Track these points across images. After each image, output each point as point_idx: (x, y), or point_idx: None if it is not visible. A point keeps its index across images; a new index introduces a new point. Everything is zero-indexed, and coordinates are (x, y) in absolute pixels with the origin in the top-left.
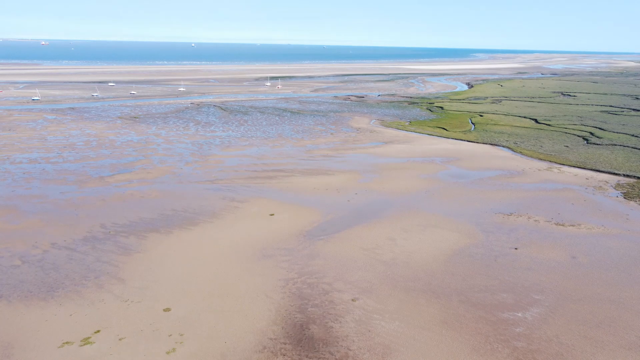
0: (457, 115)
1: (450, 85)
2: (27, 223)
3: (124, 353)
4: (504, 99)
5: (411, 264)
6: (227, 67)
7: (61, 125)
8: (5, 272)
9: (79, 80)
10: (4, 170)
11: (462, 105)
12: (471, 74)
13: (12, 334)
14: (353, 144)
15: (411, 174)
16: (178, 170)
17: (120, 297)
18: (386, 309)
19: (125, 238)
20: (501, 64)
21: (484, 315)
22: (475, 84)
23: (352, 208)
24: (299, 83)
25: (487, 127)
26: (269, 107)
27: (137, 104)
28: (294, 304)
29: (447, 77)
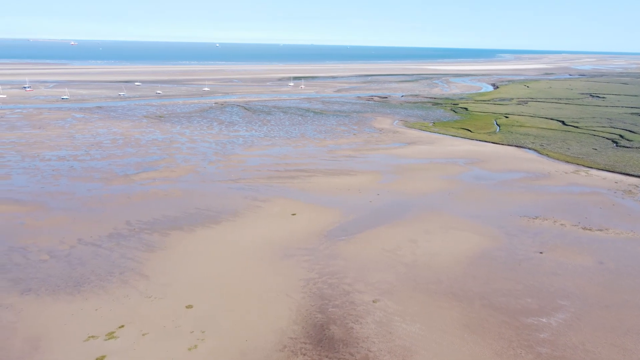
0: (481, 117)
1: (474, 86)
2: (54, 219)
3: (147, 348)
4: (530, 100)
5: (433, 266)
6: (251, 67)
7: (89, 123)
8: (34, 267)
9: (106, 80)
10: (33, 167)
11: (487, 106)
12: (496, 75)
13: (40, 326)
14: (375, 144)
15: (434, 175)
16: (201, 169)
17: (143, 293)
18: (407, 311)
19: (149, 235)
20: (527, 65)
21: (507, 319)
22: (501, 84)
23: (373, 209)
24: (322, 83)
25: (513, 129)
26: (291, 107)
27: (163, 103)
28: (314, 304)
29: (471, 78)
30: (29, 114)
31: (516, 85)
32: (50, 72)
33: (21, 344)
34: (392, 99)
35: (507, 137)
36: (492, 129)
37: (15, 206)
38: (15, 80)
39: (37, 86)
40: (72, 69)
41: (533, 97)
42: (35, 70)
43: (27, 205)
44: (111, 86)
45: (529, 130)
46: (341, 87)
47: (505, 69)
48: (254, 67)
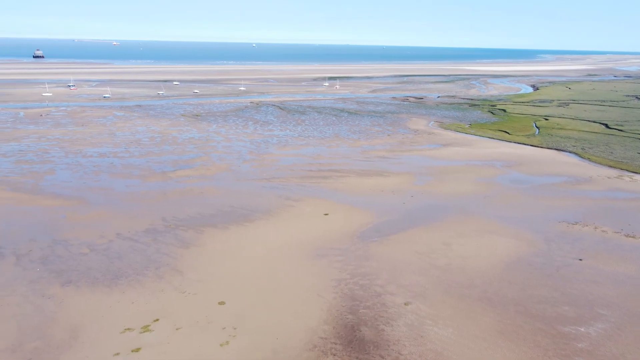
0: (520, 119)
1: (513, 87)
2: (94, 214)
3: (180, 342)
4: (572, 102)
5: (467, 270)
6: (286, 67)
7: (128, 121)
8: (74, 259)
9: (146, 79)
10: (76, 163)
11: (526, 108)
12: (536, 76)
13: (80, 317)
14: (410, 145)
15: (469, 178)
16: (236, 168)
17: (178, 288)
18: (439, 315)
19: (184, 232)
20: (569, 66)
21: (543, 327)
22: (541, 86)
23: (406, 210)
24: (356, 83)
25: (553, 132)
26: (326, 107)
27: (200, 102)
28: (345, 305)
29: (510, 79)
30: (72, 112)
31: (557, 87)
32: (94, 71)
33: (61, 333)
34: (428, 100)
35: (547, 139)
36: (531, 131)
37: (59, 200)
38: (61, 79)
39: (81, 85)
40: (114, 69)
41: (575, 99)
42: (79, 69)
43: (69, 199)
44: (150, 85)
45: (570, 133)
46: (376, 88)
47: (546, 70)
48: (289, 67)
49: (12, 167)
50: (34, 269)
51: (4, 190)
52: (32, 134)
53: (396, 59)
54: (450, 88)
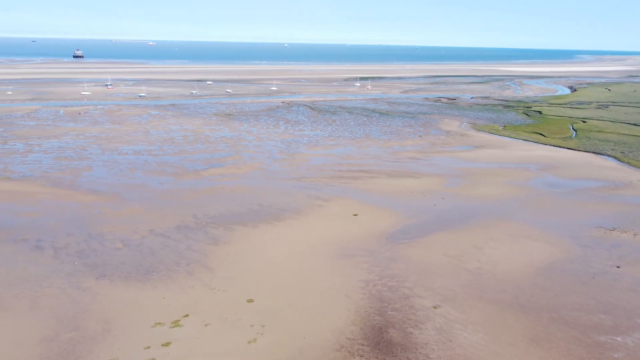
0: (556, 121)
1: (550, 89)
2: (129, 210)
3: (209, 339)
4: (611, 105)
5: (498, 275)
6: (318, 67)
7: (163, 120)
8: (109, 254)
9: (180, 79)
10: (112, 160)
11: (563, 110)
12: (574, 77)
13: (113, 310)
14: (441, 147)
15: (502, 181)
16: (266, 167)
17: (208, 285)
18: (469, 319)
19: (214, 229)
20: (609, 67)
21: (578, 335)
22: (579, 87)
23: (437, 213)
24: (388, 84)
25: (591, 134)
26: (357, 108)
27: (232, 102)
28: (373, 306)
29: (546, 80)
30: (109, 110)
31: (596, 88)
32: (130, 70)
33: (95, 325)
34: (461, 101)
35: (584, 142)
36: (568, 133)
37: (95, 196)
38: (99, 79)
39: (118, 84)
40: (150, 68)
41: (614, 101)
42: (116, 69)
43: (105, 195)
44: (184, 85)
45: (609, 136)
46: (408, 88)
47: (584, 71)
48: (321, 67)
49: (52, 163)
50: (71, 262)
51: (43, 186)
52: (71, 131)
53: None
54: (484, 89)
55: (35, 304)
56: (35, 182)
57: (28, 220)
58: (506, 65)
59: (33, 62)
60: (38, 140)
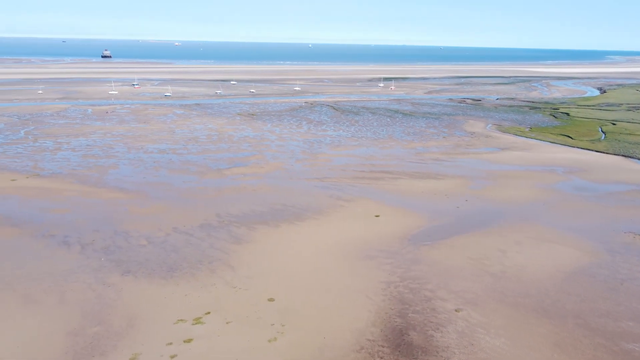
0: (584, 123)
1: (578, 90)
2: (153, 207)
3: (230, 336)
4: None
5: (522, 279)
6: (341, 68)
7: (187, 119)
8: (134, 251)
9: (204, 79)
10: (138, 158)
11: (592, 112)
12: (604, 78)
13: (137, 306)
14: (466, 148)
15: (528, 183)
16: (289, 167)
17: (229, 283)
18: (492, 323)
19: (237, 228)
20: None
21: (604, 342)
22: (609, 89)
23: (460, 215)
24: (412, 85)
25: (620, 137)
26: (380, 108)
27: (255, 101)
28: (394, 308)
29: (575, 81)
30: (136, 109)
31: (627, 90)
32: (156, 70)
33: (119, 320)
34: (486, 102)
35: (614, 145)
36: (597, 136)
37: (121, 193)
38: (126, 78)
39: (144, 84)
40: (175, 68)
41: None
42: (143, 69)
43: (130, 193)
44: (209, 84)
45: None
46: (432, 89)
47: (615, 72)
48: (344, 67)
49: (79, 161)
50: (97, 258)
51: (71, 183)
52: (98, 130)
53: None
54: (510, 90)
55: (62, 298)
56: (64, 180)
57: (56, 217)
58: (533, 66)
59: (63, 62)
60: (67, 139)
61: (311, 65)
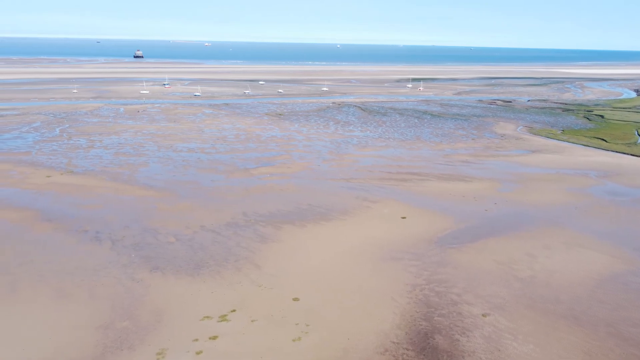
0: (620, 126)
1: (613, 92)
2: (182, 205)
3: (255, 334)
4: None
5: (552, 284)
6: (369, 68)
7: (216, 119)
8: (162, 247)
9: (233, 79)
10: (167, 157)
11: (628, 114)
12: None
13: (164, 301)
14: (495, 150)
15: (559, 187)
16: (315, 167)
17: (255, 281)
18: (519, 329)
19: (263, 227)
20: None
21: (637, 353)
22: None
23: (488, 218)
24: (441, 85)
25: None
26: (408, 109)
27: (283, 102)
28: (419, 311)
29: (610, 83)
30: (166, 109)
31: None
32: (186, 70)
33: (147, 315)
34: (517, 104)
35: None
36: (633, 139)
37: (151, 191)
38: (157, 78)
39: (175, 83)
40: (205, 68)
41: None
42: (173, 69)
43: (160, 191)
44: (238, 84)
45: None
46: (461, 90)
47: None
48: (372, 68)
49: (111, 159)
50: (127, 254)
51: (103, 180)
52: (129, 128)
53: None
54: (542, 91)
55: (93, 292)
56: (96, 176)
57: (89, 212)
58: (566, 67)
59: (97, 62)
60: (99, 137)
61: (339, 65)
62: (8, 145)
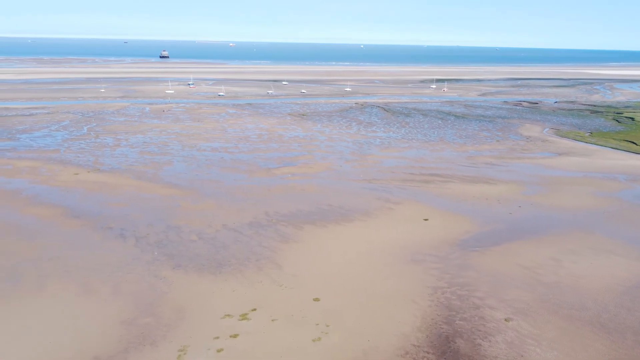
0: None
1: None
2: (204, 204)
3: (275, 334)
4: None
5: (578, 290)
6: (392, 69)
7: (239, 119)
8: (185, 245)
9: (257, 79)
10: (191, 156)
11: None
12: None
13: (186, 299)
14: (521, 152)
15: (587, 191)
16: (337, 167)
17: (276, 281)
18: (543, 335)
19: (284, 227)
20: None
21: None
22: None
23: (512, 221)
24: (465, 86)
25: None
26: (432, 110)
27: (306, 102)
28: (441, 314)
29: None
30: (190, 108)
31: None
32: (211, 70)
33: (170, 312)
34: (544, 105)
35: None
36: None
37: (175, 190)
38: (182, 78)
39: (199, 83)
40: (229, 68)
41: None
42: (198, 68)
43: (183, 189)
44: (261, 84)
45: None
46: (486, 91)
47: None
48: (395, 68)
49: (137, 157)
50: (151, 251)
51: (129, 178)
52: (155, 127)
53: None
54: (570, 93)
55: (117, 288)
56: (122, 175)
57: (114, 210)
58: (595, 68)
59: (124, 62)
60: (125, 135)
61: (362, 66)
62: (38, 143)
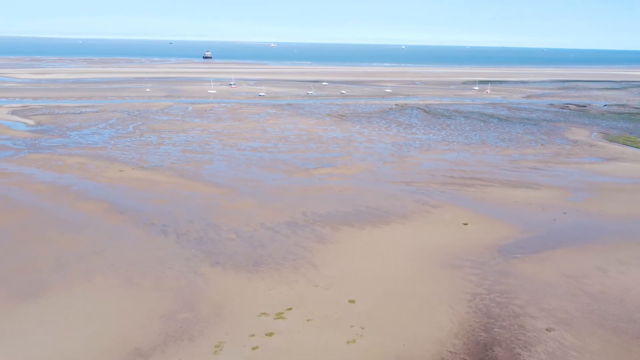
0: None
1: None
2: (243, 203)
3: (310, 334)
4: None
5: (626, 302)
6: (434, 70)
7: (279, 119)
8: (223, 243)
9: (297, 79)
10: (231, 155)
11: None
12: None
13: (224, 296)
14: (567, 157)
15: (636, 198)
16: (375, 169)
17: (311, 281)
18: (587, 347)
19: (321, 227)
20: None
21: None
22: None
23: (556, 228)
24: (509, 88)
25: None
26: (474, 112)
27: (345, 103)
28: (479, 321)
29: None
30: (231, 108)
31: None
32: (252, 71)
33: (207, 309)
34: (592, 108)
35: None
36: None
37: (214, 188)
38: (224, 78)
39: (240, 83)
40: (270, 69)
41: None
42: (240, 69)
43: (223, 188)
44: (301, 85)
45: None
46: (531, 93)
47: None
48: (437, 69)
49: (179, 155)
50: (190, 248)
51: (171, 176)
52: (197, 127)
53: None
54: (621, 95)
55: (158, 283)
56: (164, 172)
57: (157, 207)
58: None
59: (168, 63)
60: (169, 134)
61: (403, 67)
62: (87, 141)
